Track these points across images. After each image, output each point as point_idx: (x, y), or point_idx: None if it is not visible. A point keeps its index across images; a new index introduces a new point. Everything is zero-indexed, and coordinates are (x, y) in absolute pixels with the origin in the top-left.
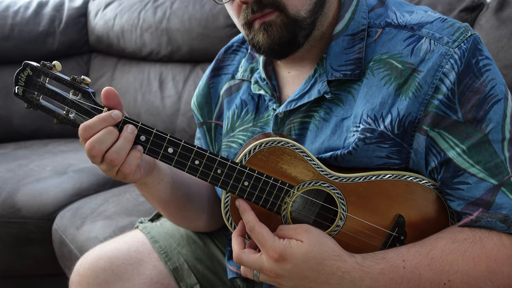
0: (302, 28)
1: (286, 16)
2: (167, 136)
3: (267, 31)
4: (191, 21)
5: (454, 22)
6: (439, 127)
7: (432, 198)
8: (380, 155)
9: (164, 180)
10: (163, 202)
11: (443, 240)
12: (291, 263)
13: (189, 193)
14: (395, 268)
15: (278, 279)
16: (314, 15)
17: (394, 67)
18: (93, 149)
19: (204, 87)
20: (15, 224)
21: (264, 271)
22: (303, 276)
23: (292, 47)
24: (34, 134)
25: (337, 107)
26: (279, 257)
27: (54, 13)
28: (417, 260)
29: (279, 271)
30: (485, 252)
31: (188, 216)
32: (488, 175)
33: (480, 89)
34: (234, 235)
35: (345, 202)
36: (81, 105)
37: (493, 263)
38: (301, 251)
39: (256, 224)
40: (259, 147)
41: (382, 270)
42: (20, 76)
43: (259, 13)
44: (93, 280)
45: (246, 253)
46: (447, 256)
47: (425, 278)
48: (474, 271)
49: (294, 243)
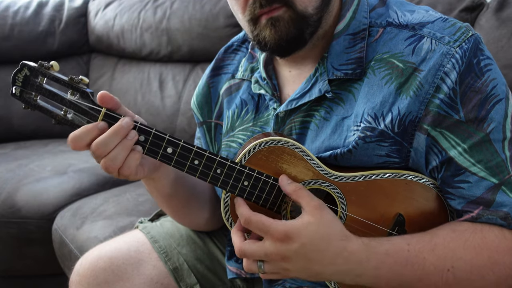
0: (309, 25)
1: (293, 12)
2: (166, 136)
3: (274, 26)
4: (191, 21)
5: (455, 22)
6: (441, 126)
7: (432, 197)
8: (380, 154)
9: (170, 176)
10: (168, 198)
11: (444, 230)
12: (297, 241)
13: (194, 189)
14: (400, 250)
15: (284, 262)
16: (320, 12)
17: (395, 66)
18: (97, 150)
19: (204, 87)
20: (15, 224)
21: (269, 257)
22: (309, 256)
23: (298, 43)
24: (34, 134)
25: (337, 106)
26: (284, 236)
27: (54, 13)
28: (420, 245)
29: (285, 252)
30: (486, 242)
31: (191, 213)
32: (489, 174)
33: (481, 89)
34: (233, 231)
35: (345, 201)
36: (79, 105)
37: (494, 254)
38: (308, 229)
39: (251, 214)
40: (258, 146)
41: (387, 251)
42: (17, 76)
43: (267, 7)
44: (93, 280)
45: (248, 243)
46: (449, 243)
47: (429, 262)
48: (477, 261)
49: (299, 221)
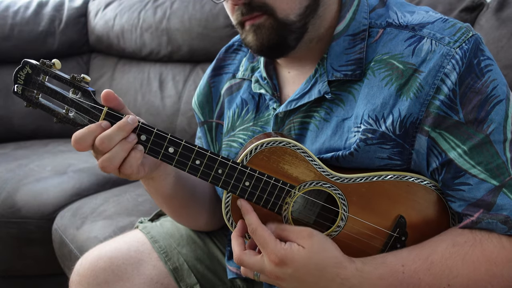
0: (291, 32)
1: (274, 20)
2: (168, 135)
3: (256, 33)
4: (191, 21)
5: (455, 23)
6: (440, 127)
7: (433, 199)
8: (382, 156)
9: (170, 176)
10: (168, 198)
11: (444, 243)
12: (291, 267)
13: (194, 190)
14: (394, 273)
15: (278, 281)
16: (305, 18)
17: (395, 68)
18: (102, 144)
19: (205, 86)
20: (15, 224)
21: (265, 273)
22: (303, 280)
23: (282, 49)
24: (34, 134)
25: (337, 107)
26: (280, 261)
27: (54, 13)
28: (416, 264)
29: (280, 274)
30: (485, 255)
31: (191, 213)
32: (489, 176)
33: (481, 90)
34: (234, 236)
35: (346, 202)
36: (81, 104)
37: (493, 266)
38: (302, 256)
39: (258, 226)
40: (260, 147)
41: (381, 275)
42: (19, 74)
43: (248, 15)
44: (93, 280)
45: (247, 254)
46: (446, 261)
47: (424, 282)
48: (474, 275)
49: (295, 248)
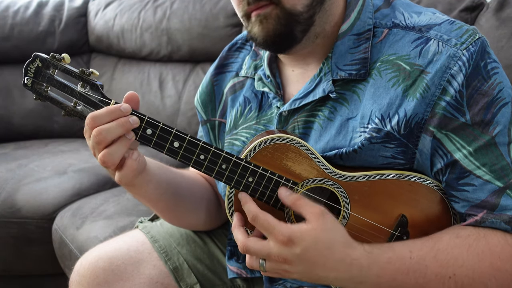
0: (298, 23)
1: (281, 10)
2: (173, 130)
3: (262, 23)
4: (191, 21)
5: (462, 25)
6: (447, 129)
7: (435, 199)
8: (385, 155)
9: (152, 181)
10: (153, 203)
11: (447, 235)
12: (300, 246)
13: (177, 193)
14: (402, 258)
15: (285, 264)
16: (311, 9)
17: (402, 69)
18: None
19: (208, 85)
20: (15, 224)
21: (271, 257)
22: (312, 261)
23: (288, 41)
24: (34, 134)
25: (342, 106)
26: (288, 240)
27: (54, 13)
28: (423, 251)
29: (287, 255)
30: (489, 248)
31: (181, 215)
32: (493, 177)
33: (488, 92)
34: (235, 226)
35: (348, 200)
36: (89, 98)
37: (497, 260)
38: (311, 235)
39: (259, 212)
40: (264, 143)
41: (390, 259)
42: (29, 67)
43: (254, 5)
44: (93, 280)
45: (253, 240)
46: (452, 250)
47: (431, 270)
48: (479, 267)
49: (303, 226)
